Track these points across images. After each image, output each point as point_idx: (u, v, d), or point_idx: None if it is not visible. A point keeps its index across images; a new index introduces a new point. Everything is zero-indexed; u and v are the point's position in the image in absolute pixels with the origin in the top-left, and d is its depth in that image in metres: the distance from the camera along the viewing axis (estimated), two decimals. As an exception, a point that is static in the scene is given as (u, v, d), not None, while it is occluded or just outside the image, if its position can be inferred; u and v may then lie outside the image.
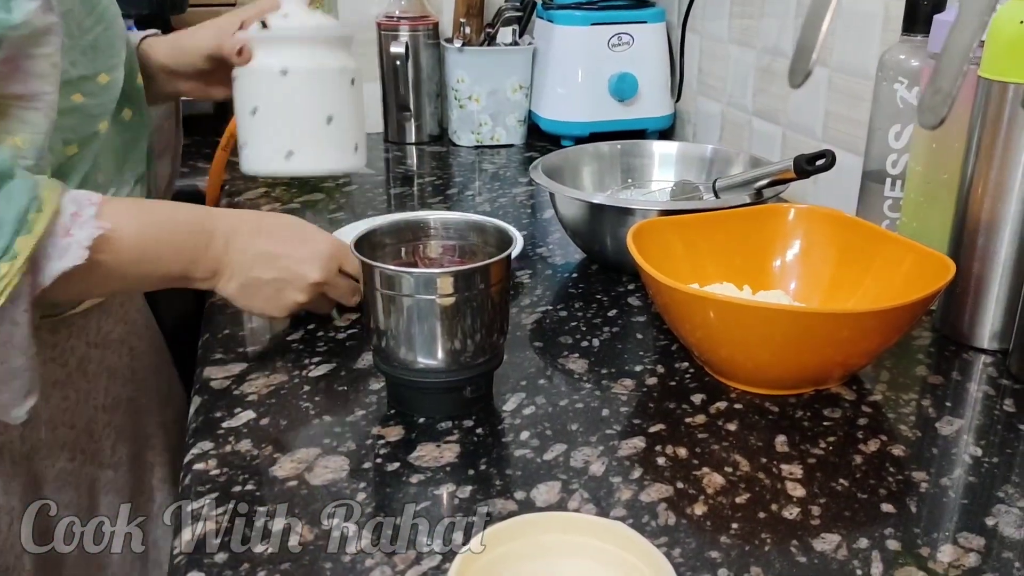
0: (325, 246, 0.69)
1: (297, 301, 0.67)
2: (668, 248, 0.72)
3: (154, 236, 0.62)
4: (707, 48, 1.28)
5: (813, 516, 0.51)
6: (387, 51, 1.31)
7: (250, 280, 0.66)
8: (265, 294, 0.67)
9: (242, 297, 0.66)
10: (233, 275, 0.66)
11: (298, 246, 0.68)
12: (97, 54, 0.68)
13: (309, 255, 0.67)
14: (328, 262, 0.68)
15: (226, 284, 0.66)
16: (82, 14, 0.67)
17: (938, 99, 0.34)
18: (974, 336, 0.70)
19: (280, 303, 0.67)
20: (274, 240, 0.67)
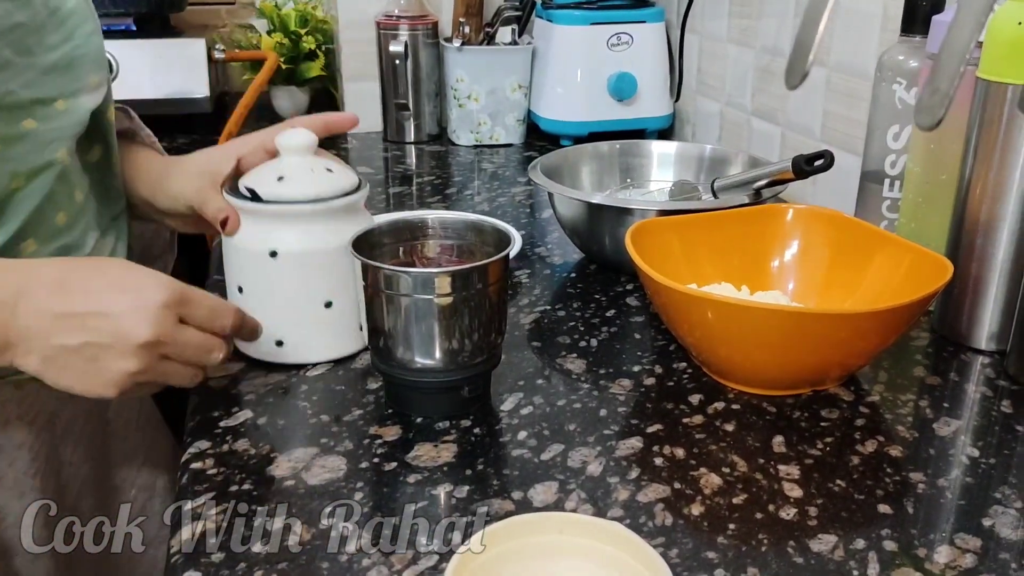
0: (154, 293, 0.53)
1: (126, 371, 0.53)
2: (666, 248, 0.72)
3: None
4: (706, 48, 1.28)
5: (810, 517, 0.51)
6: (386, 50, 1.31)
7: (53, 351, 0.52)
8: (77, 367, 0.52)
9: (49, 373, 0.53)
10: (31, 348, 0.52)
11: (116, 298, 0.53)
12: (59, 76, 0.60)
13: (131, 307, 0.53)
14: (160, 313, 0.53)
15: (25, 360, 0.53)
16: (46, 28, 0.59)
17: (936, 99, 0.34)
18: (972, 337, 0.70)
19: (102, 377, 0.53)
20: (81, 295, 0.53)
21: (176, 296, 0.54)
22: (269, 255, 0.63)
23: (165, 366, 0.55)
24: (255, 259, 0.64)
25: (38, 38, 0.58)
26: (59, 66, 0.60)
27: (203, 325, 0.56)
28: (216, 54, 1.40)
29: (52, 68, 0.60)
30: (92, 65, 0.64)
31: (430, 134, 1.39)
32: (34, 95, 0.58)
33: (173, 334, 0.54)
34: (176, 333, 0.54)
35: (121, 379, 0.53)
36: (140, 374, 0.53)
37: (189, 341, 0.55)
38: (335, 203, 0.64)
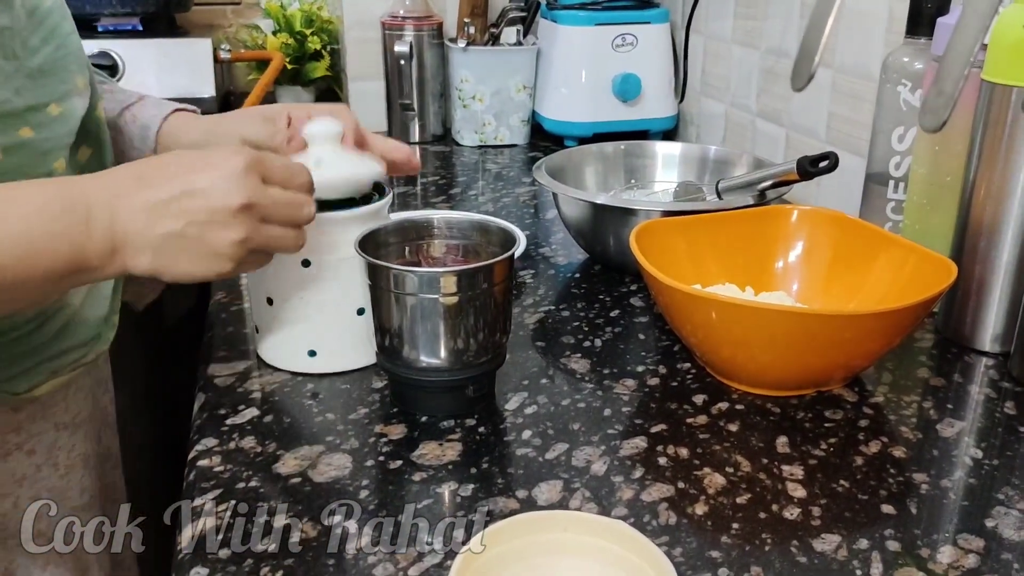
0: (233, 161, 0.53)
1: (233, 240, 0.53)
2: (671, 249, 0.72)
3: (21, 236, 0.49)
4: (711, 49, 1.28)
5: (813, 517, 0.51)
6: (391, 50, 1.31)
7: (159, 241, 0.52)
8: (188, 250, 0.52)
9: (165, 267, 0.53)
10: (138, 246, 0.52)
11: (198, 176, 0.53)
12: (47, 79, 0.59)
13: (216, 179, 0.53)
14: (244, 177, 0.53)
15: (136, 260, 0.52)
16: (27, 31, 0.58)
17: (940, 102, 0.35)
18: (976, 339, 0.70)
19: (214, 252, 0.53)
20: (165, 182, 0.52)
21: (253, 159, 0.54)
22: (302, 264, 0.63)
23: (267, 230, 0.55)
24: (287, 269, 0.63)
25: (21, 40, 0.57)
26: (45, 69, 0.60)
27: (285, 183, 0.56)
28: (222, 54, 1.40)
29: (39, 72, 0.59)
30: (76, 65, 0.63)
31: (434, 134, 1.39)
32: (27, 102, 0.58)
33: (262, 195, 0.54)
34: (264, 193, 0.54)
35: (231, 249, 0.53)
36: (247, 240, 0.53)
37: (279, 199, 0.55)
38: (365, 210, 0.64)
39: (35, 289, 0.51)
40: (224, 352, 0.69)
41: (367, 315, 0.61)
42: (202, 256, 0.53)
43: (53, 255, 0.49)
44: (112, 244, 0.51)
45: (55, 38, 0.61)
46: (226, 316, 0.75)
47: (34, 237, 0.49)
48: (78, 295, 0.63)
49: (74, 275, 0.51)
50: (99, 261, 0.51)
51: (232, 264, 0.54)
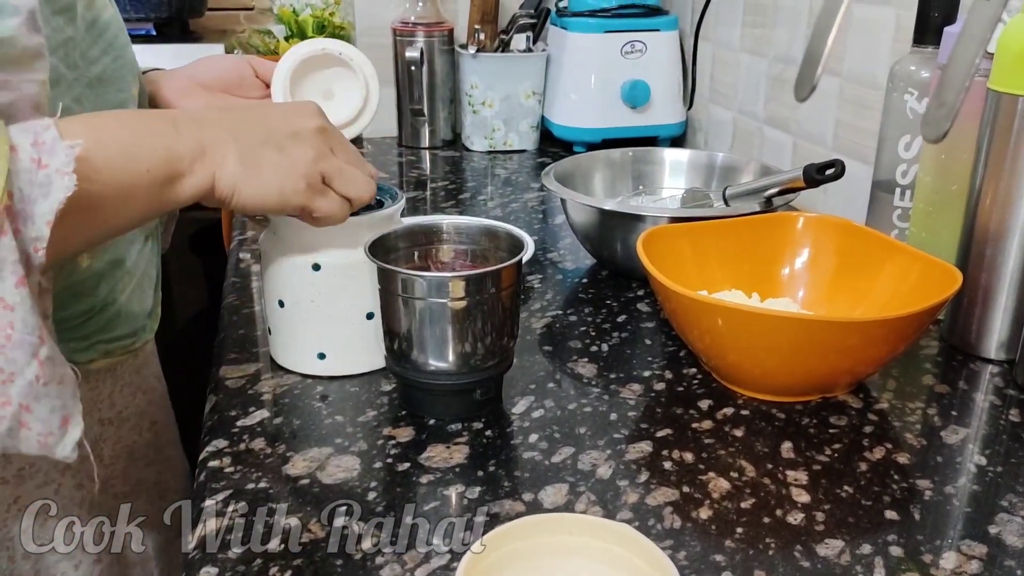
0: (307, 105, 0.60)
1: (310, 157, 0.56)
2: (677, 255, 0.73)
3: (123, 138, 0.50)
4: (719, 56, 1.29)
5: (817, 522, 0.51)
6: (402, 56, 1.32)
7: (246, 147, 0.54)
8: (271, 158, 0.55)
9: (249, 173, 0.54)
10: (226, 149, 0.54)
11: (271, 109, 0.60)
12: (105, 88, 0.62)
13: (287, 110, 0.59)
14: (318, 112, 0.59)
15: (223, 163, 0.54)
16: (87, 42, 0.60)
17: (942, 112, 0.35)
18: (981, 346, 0.70)
19: (293, 165, 0.56)
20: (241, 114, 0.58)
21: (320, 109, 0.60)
22: (312, 268, 0.63)
23: (339, 161, 0.59)
24: (298, 273, 0.64)
25: (82, 52, 0.59)
26: (104, 79, 0.62)
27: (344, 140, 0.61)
28: (234, 59, 1.41)
29: (98, 81, 0.61)
30: (131, 76, 0.65)
31: (444, 139, 1.40)
32: (86, 110, 0.59)
33: (331, 128, 0.59)
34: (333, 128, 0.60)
35: (308, 166, 0.56)
36: (322, 160, 0.57)
37: (346, 142, 0.61)
38: (377, 214, 0.64)
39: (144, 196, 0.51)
40: (235, 354, 0.70)
41: (376, 319, 0.62)
42: (283, 168, 0.56)
43: (151, 153, 0.51)
44: (200, 145, 0.53)
45: (113, 49, 0.63)
46: (237, 319, 0.76)
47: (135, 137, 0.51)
48: (124, 291, 0.66)
49: (170, 182, 0.52)
50: (189, 162, 0.52)
51: (305, 183, 0.56)
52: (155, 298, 0.72)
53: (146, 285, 0.70)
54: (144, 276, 0.69)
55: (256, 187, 0.55)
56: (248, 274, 0.86)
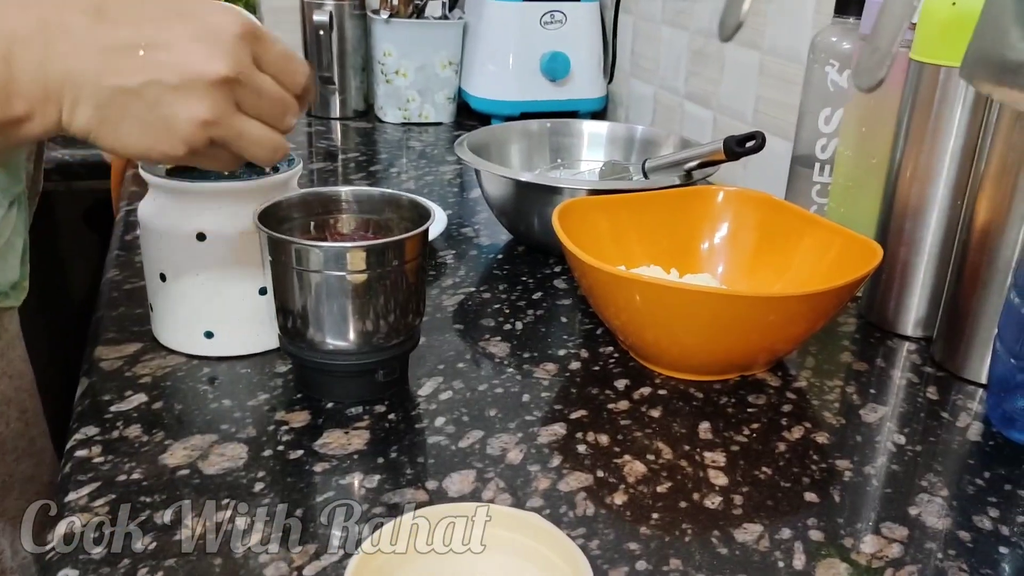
0: (225, 21, 0.42)
1: (197, 117, 0.42)
2: (594, 229, 0.69)
3: None
4: (640, 29, 1.26)
5: (735, 506, 0.49)
6: (310, 20, 1.26)
7: (108, 95, 0.40)
8: (139, 116, 0.41)
9: (105, 128, 0.42)
10: (78, 95, 0.40)
11: (178, 26, 0.42)
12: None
13: (198, 35, 0.41)
14: (235, 44, 0.42)
15: (72, 112, 0.41)
16: None
17: (876, 58, 0.32)
18: (899, 323, 0.69)
19: (168, 126, 0.42)
20: (133, 24, 0.41)
21: (250, 28, 0.43)
22: (196, 238, 0.57)
23: (241, 121, 0.44)
24: (180, 243, 0.57)
25: None
26: None
27: (277, 73, 0.45)
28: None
29: None
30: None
31: (356, 110, 1.34)
32: None
33: (250, 74, 0.43)
34: (253, 73, 0.43)
35: (189, 128, 0.42)
36: (213, 124, 0.42)
37: (266, 89, 0.44)
38: (268, 180, 0.58)
39: None
40: (113, 334, 0.64)
41: (270, 295, 0.57)
42: (153, 127, 0.42)
43: None
44: (45, 89, 0.40)
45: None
46: (118, 295, 0.70)
47: None
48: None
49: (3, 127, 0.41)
50: (25, 108, 0.40)
51: (184, 148, 0.43)
52: (21, 271, 0.64)
53: (9, 255, 0.62)
54: (7, 246, 0.62)
55: (115, 142, 0.43)
56: (134, 247, 0.79)
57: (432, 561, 0.41)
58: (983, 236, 0.60)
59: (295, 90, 0.47)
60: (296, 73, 0.47)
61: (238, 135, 0.44)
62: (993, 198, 0.59)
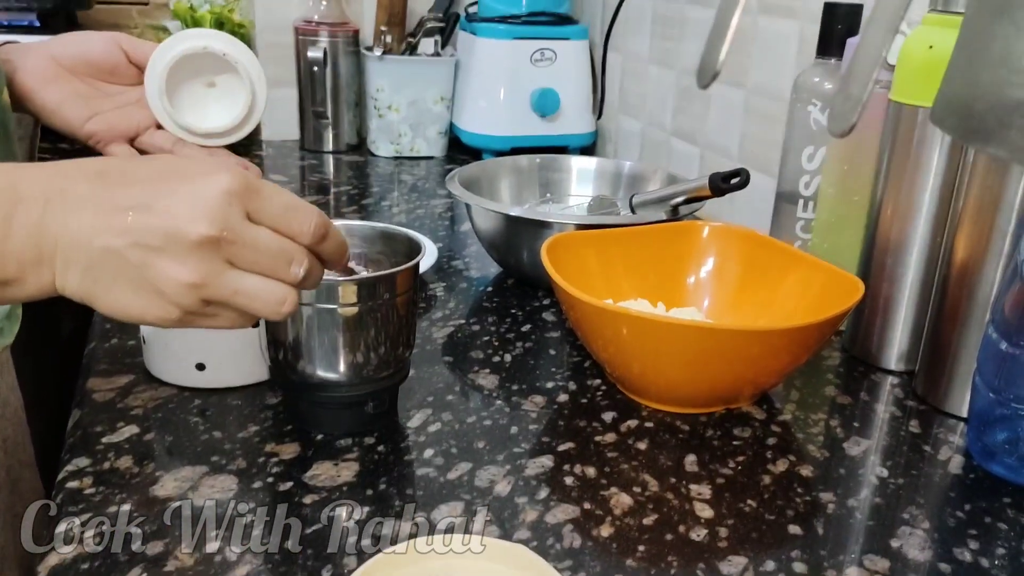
0: (214, 179, 0.42)
1: (182, 280, 0.41)
2: (583, 263, 0.71)
3: None
4: (628, 67, 1.28)
5: (720, 538, 0.49)
6: (304, 56, 1.28)
7: (96, 257, 0.41)
8: (128, 278, 0.41)
9: (96, 290, 0.41)
10: (69, 257, 0.41)
11: (166, 186, 0.42)
12: None
13: (184, 196, 0.41)
14: (221, 202, 0.41)
15: (64, 275, 0.41)
16: None
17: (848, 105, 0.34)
18: (882, 357, 0.71)
19: (155, 289, 0.41)
20: (124, 187, 0.42)
21: (242, 183, 0.42)
22: None
23: (234, 279, 0.42)
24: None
25: None
26: None
27: (277, 225, 0.44)
28: (125, 54, 1.34)
29: None
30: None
31: (349, 144, 1.35)
32: None
33: (239, 230, 0.42)
34: (243, 229, 0.42)
35: (176, 291, 0.41)
36: (200, 287, 0.41)
37: (261, 242, 0.43)
38: None
39: None
40: (106, 365, 0.64)
41: (262, 327, 0.57)
42: (142, 290, 0.41)
43: None
44: (39, 251, 0.40)
45: None
46: (111, 327, 0.70)
47: None
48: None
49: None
50: (17, 271, 0.40)
51: (177, 311, 0.42)
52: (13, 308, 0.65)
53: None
54: None
55: (108, 308, 0.42)
56: (128, 279, 0.80)
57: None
58: (962, 273, 0.62)
59: (303, 239, 0.45)
60: (302, 222, 0.45)
61: (233, 293, 0.43)
62: (971, 236, 0.61)
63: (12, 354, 0.69)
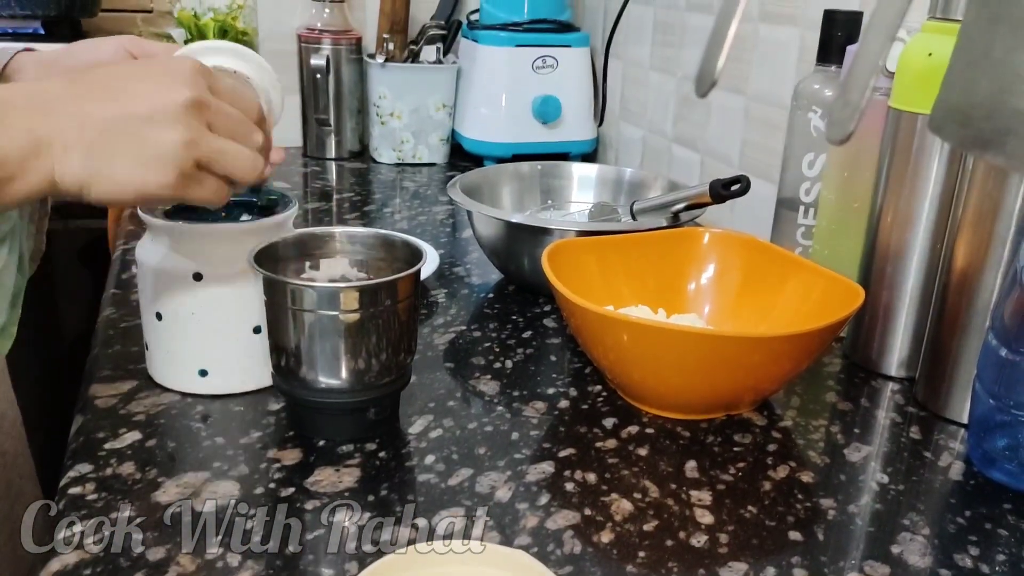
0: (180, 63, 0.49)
1: (178, 141, 0.46)
2: (583, 269, 0.71)
3: None
4: (629, 74, 1.29)
5: (721, 544, 0.50)
6: (307, 64, 1.28)
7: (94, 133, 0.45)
8: (126, 149, 0.46)
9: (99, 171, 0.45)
10: (68, 140, 0.45)
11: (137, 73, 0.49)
12: None
13: (162, 72, 0.48)
14: (192, 74, 0.48)
15: (65, 159, 0.45)
16: None
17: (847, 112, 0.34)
18: (882, 364, 0.71)
19: (156, 154, 0.46)
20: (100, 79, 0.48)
21: (200, 66, 0.50)
22: (193, 278, 0.59)
23: (216, 140, 0.49)
24: (176, 282, 0.59)
25: None
26: None
27: (234, 102, 0.51)
28: (128, 61, 1.34)
29: None
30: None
31: (351, 151, 1.36)
32: None
33: (212, 99, 0.49)
34: (214, 97, 0.49)
35: (175, 151, 0.46)
36: (193, 144, 0.47)
37: (228, 109, 0.50)
38: (265, 222, 0.60)
39: None
40: (108, 371, 0.65)
41: (263, 334, 0.58)
42: (143, 158, 0.46)
43: None
44: (37, 144, 0.44)
45: None
46: (114, 333, 0.71)
47: None
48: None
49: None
50: (19, 162, 0.44)
51: (175, 173, 0.47)
52: (11, 315, 0.63)
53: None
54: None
55: (111, 184, 0.46)
56: (130, 285, 0.80)
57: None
58: (962, 279, 0.62)
59: (251, 115, 0.53)
60: (248, 99, 0.53)
61: (219, 152, 0.49)
62: (970, 243, 0.61)
63: (10, 366, 0.69)
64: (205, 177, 0.50)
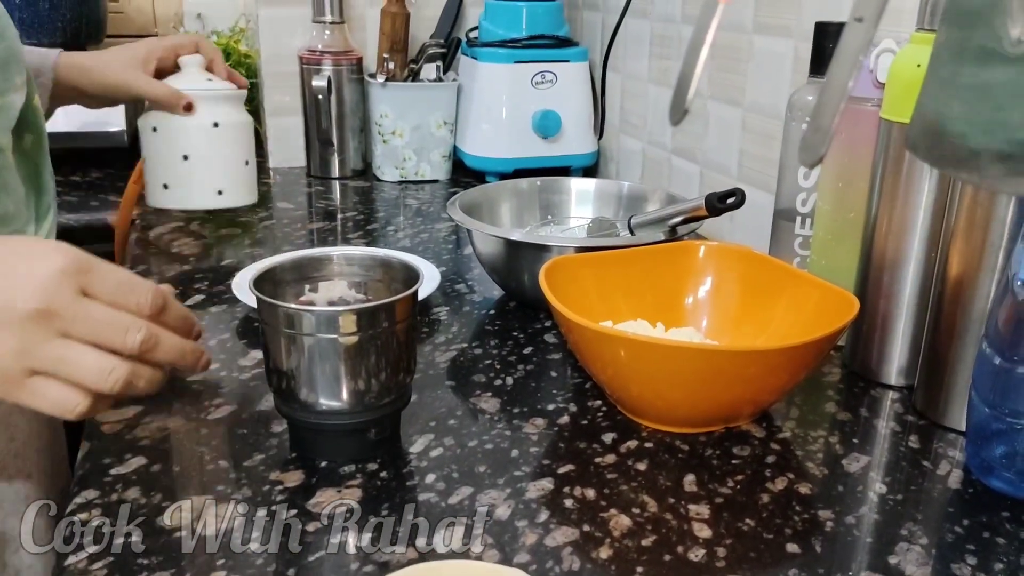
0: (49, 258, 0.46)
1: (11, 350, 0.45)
2: (581, 285, 0.71)
3: None
4: (628, 87, 1.30)
5: (719, 558, 0.50)
6: (309, 85, 1.30)
7: None
8: None
9: None
10: None
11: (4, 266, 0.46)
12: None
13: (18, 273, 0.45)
14: (52, 279, 0.45)
15: None
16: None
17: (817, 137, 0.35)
18: (881, 373, 0.71)
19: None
20: None
21: (74, 262, 0.46)
22: (212, 125, 0.94)
23: (63, 348, 0.46)
24: (202, 130, 0.93)
25: None
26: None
27: (114, 299, 0.48)
28: (133, 87, 1.37)
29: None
30: (17, 66, 0.66)
31: (355, 169, 1.37)
32: None
33: (69, 303, 0.45)
34: (74, 303, 0.45)
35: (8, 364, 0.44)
36: (26, 354, 0.44)
37: (93, 314, 0.46)
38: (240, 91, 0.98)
39: None
40: (114, 397, 0.66)
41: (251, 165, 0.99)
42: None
43: None
44: None
45: (5, 38, 0.65)
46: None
47: None
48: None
49: None
50: None
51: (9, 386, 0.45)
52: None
53: None
54: None
55: None
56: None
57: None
58: (956, 288, 0.62)
59: (142, 311, 0.50)
60: (138, 295, 0.50)
61: (57, 360, 0.46)
62: (964, 252, 0.61)
63: None
64: (46, 384, 0.47)
